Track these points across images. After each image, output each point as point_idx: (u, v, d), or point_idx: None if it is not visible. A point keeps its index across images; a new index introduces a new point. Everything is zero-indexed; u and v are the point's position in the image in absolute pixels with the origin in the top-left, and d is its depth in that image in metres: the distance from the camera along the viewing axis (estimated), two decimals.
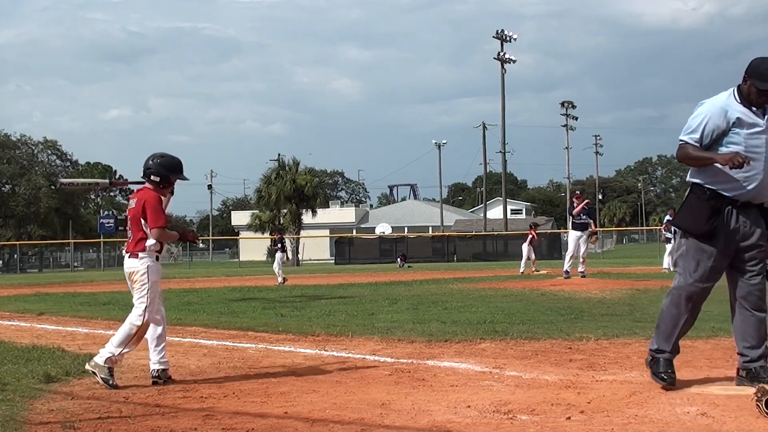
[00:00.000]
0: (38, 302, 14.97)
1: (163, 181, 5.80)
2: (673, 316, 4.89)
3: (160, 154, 5.89)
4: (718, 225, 4.71)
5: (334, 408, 4.66)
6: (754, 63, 4.69)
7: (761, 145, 4.66)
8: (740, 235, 4.74)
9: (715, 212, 4.72)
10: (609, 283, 15.36)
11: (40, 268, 54.74)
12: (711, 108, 4.74)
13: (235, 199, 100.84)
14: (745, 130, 4.66)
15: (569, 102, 75.11)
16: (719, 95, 4.81)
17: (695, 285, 4.80)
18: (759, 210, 4.78)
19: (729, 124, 4.68)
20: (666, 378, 4.83)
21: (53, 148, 63.24)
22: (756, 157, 4.63)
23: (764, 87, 4.60)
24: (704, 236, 4.75)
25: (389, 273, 27.64)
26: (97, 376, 5.49)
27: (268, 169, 57.48)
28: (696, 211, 4.80)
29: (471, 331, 7.95)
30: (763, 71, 4.61)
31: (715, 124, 4.71)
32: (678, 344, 4.95)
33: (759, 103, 4.68)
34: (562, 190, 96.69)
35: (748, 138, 4.65)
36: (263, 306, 12.48)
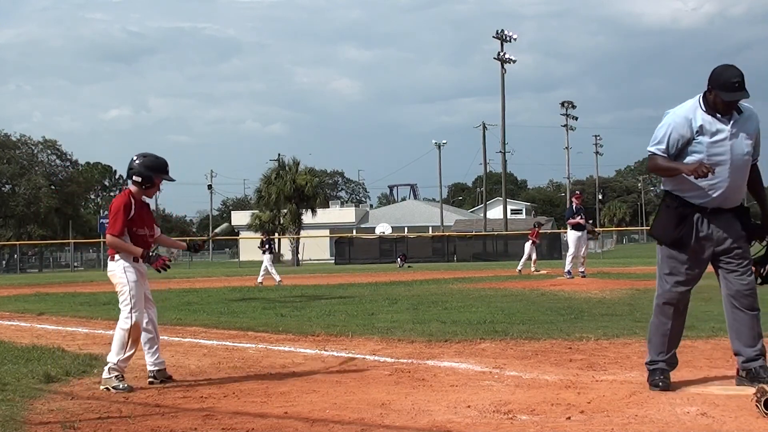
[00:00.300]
0: (38, 302, 14.97)
1: (145, 182, 5.70)
2: (658, 326, 4.95)
3: (143, 154, 5.80)
4: (687, 232, 4.78)
5: (334, 408, 4.66)
6: (716, 71, 4.71)
7: (725, 152, 4.70)
8: (713, 241, 4.79)
9: (682, 220, 4.80)
10: (609, 283, 15.36)
11: (40, 268, 54.72)
12: (674, 118, 4.79)
13: (235, 199, 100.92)
14: (708, 138, 4.70)
15: (569, 102, 75.24)
16: (685, 103, 4.85)
17: (671, 291, 4.87)
18: (732, 213, 4.82)
19: (693, 133, 4.73)
20: (660, 384, 4.84)
21: (53, 148, 63.20)
22: (720, 164, 4.68)
23: (729, 98, 4.65)
24: (674, 244, 4.84)
25: (389, 273, 27.63)
26: (111, 390, 5.40)
27: (268, 169, 57.52)
28: (665, 219, 4.89)
29: (471, 331, 7.95)
30: (725, 81, 4.64)
31: (679, 134, 4.76)
32: (674, 355, 4.96)
33: (724, 111, 4.72)
34: (562, 190, 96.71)
35: (710, 146, 4.70)
36: (263, 306, 12.48)
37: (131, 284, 5.58)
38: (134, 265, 5.64)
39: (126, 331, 5.53)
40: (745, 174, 4.79)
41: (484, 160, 65.58)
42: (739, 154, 4.71)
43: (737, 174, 4.74)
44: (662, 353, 4.91)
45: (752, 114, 4.82)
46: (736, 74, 4.65)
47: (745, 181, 4.83)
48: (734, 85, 4.61)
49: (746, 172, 4.79)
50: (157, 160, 5.79)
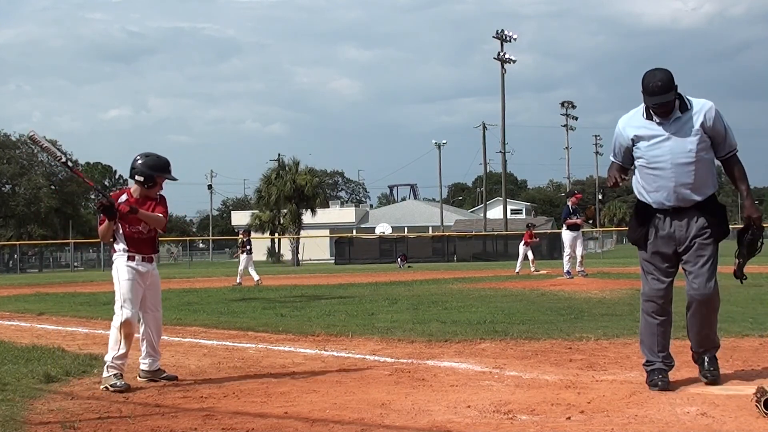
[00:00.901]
0: (38, 302, 14.97)
1: (147, 181, 5.70)
2: (645, 325, 5.12)
3: (145, 154, 5.79)
4: (648, 232, 4.97)
5: (334, 408, 4.66)
6: (643, 77, 4.85)
7: (664, 153, 4.83)
8: (675, 239, 4.90)
9: (644, 221, 5.00)
10: (609, 283, 15.35)
11: (40, 268, 54.70)
12: (617, 129, 5.11)
13: (235, 199, 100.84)
14: (646, 142, 4.89)
15: (569, 102, 75.27)
16: (629, 112, 5.07)
17: (649, 290, 5.08)
18: (695, 211, 4.86)
19: (629, 142, 4.98)
20: (660, 384, 4.90)
21: None
22: (660, 165, 4.83)
23: (650, 102, 4.79)
24: (637, 243, 5.09)
25: (389, 273, 27.64)
26: (109, 388, 5.39)
27: (268, 169, 57.51)
28: (632, 221, 5.18)
29: (471, 331, 7.94)
30: (646, 85, 4.78)
31: (619, 143, 5.08)
32: (668, 354, 5.05)
33: (660, 115, 4.82)
34: (562, 190, 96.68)
35: (647, 150, 4.90)
36: (263, 306, 12.48)
37: (122, 282, 5.57)
38: (129, 264, 5.62)
39: (117, 329, 5.51)
40: (693, 172, 4.79)
41: (484, 160, 65.64)
42: (680, 153, 4.79)
43: (682, 173, 4.80)
44: (656, 352, 5.01)
45: (702, 109, 4.82)
46: (658, 77, 4.75)
47: (701, 178, 4.82)
48: (654, 89, 4.73)
49: (697, 170, 4.80)
50: (159, 159, 5.78)
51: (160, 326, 5.93)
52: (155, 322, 5.83)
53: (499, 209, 67.68)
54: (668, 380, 4.94)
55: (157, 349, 5.84)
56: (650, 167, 4.89)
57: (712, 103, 4.86)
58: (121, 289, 5.56)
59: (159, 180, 5.76)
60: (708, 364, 5.01)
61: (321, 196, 61.12)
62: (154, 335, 5.82)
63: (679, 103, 4.83)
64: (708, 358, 5.03)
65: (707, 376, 4.98)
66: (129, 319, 5.51)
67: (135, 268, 5.63)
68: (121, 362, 5.51)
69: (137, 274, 5.63)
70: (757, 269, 19.24)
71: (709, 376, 4.97)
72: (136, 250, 5.66)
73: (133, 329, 5.58)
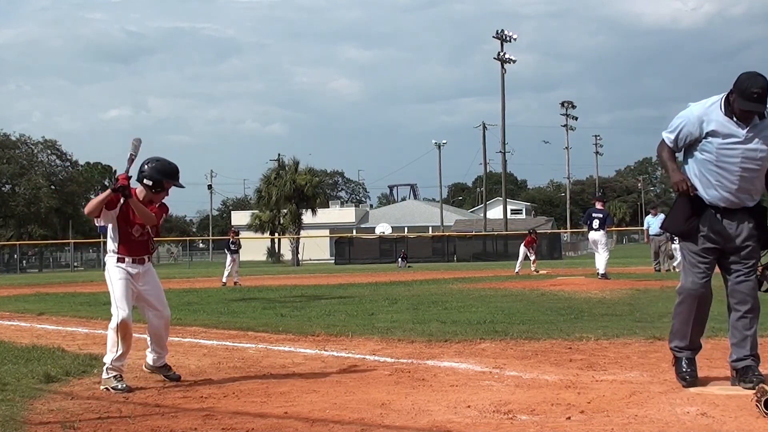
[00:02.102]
0: (38, 302, 14.97)
1: (155, 186, 5.68)
2: (680, 314, 5.01)
3: (156, 158, 5.76)
4: (698, 225, 4.86)
5: (334, 408, 4.66)
6: (741, 77, 4.70)
7: (735, 156, 4.75)
8: (724, 237, 4.85)
9: (694, 212, 4.88)
10: (609, 283, 15.35)
11: (40, 268, 54.71)
12: (690, 114, 4.88)
13: (235, 199, 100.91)
14: (720, 140, 4.77)
15: (569, 102, 75.22)
16: (707, 100, 4.90)
17: (693, 283, 4.92)
18: (748, 213, 4.85)
19: (702, 134, 4.81)
20: (687, 378, 4.89)
21: (53, 148, 63.19)
22: (729, 167, 4.75)
23: (745, 107, 4.66)
24: (684, 235, 4.95)
25: (389, 273, 27.64)
26: (110, 390, 5.37)
27: (268, 169, 57.54)
28: (678, 212, 4.99)
29: (471, 331, 7.94)
30: (745, 89, 4.64)
31: (688, 131, 4.87)
32: (698, 341, 5.04)
33: (742, 118, 4.73)
34: (562, 190, 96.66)
35: (720, 148, 4.77)
36: (263, 306, 12.48)
37: (115, 283, 5.55)
38: (119, 265, 5.60)
39: (114, 331, 5.49)
40: (757, 179, 4.81)
41: (484, 160, 65.62)
42: (750, 159, 4.74)
43: (747, 178, 4.77)
44: (685, 339, 4.97)
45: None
46: (759, 85, 4.61)
47: (759, 185, 4.85)
48: (753, 96, 4.60)
49: (759, 177, 4.81)
50: (169, 165, 5.77)
51: (166, 326, 5.88)
52: (160, 321, 5.80)
53: (499, 209, 67.67)
54: (696, 374, 4.93)
55: (164, 346, 5.85)
56: (717, 165, 4.78)
57: None
58: (114, 292, 5.55)
59: (167, 186, 5.76)
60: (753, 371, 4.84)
61: (321, 196, 61.19)
62: (159, 335, 5.82)
63: None
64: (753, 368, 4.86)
65: (753, 380, 4.71)
66: (125, 320, 5.48)
67: (125, 269, 5.61)
68: (120, 363, 5.50)
69: (128, 275, 5.61)
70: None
71: (755, 380, 4.73)
72: (126, 251, 5.63)
73: (129, 330, 5.54)
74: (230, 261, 21.11)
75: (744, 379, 4.82)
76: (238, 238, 22.18)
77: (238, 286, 19.94)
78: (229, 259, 21.22)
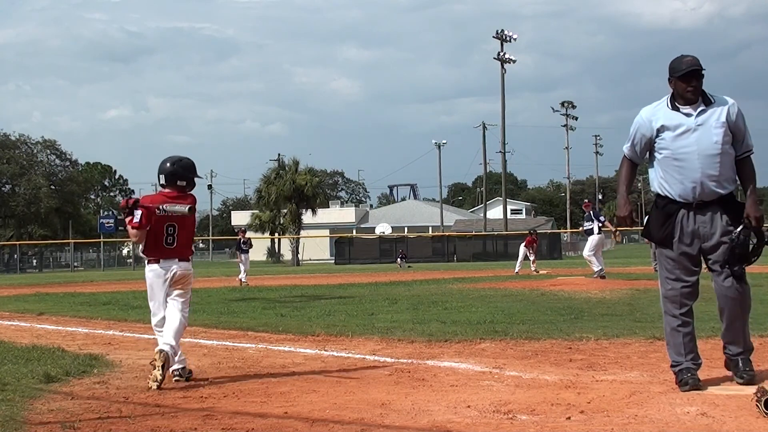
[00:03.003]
0: (38, 302, 14.96)
1: (189, 185, 5.89)
2: (671, 327, 5.01)
3: (177, 158, 5.91)
4: (673, 229, 4.91)
5: (334, 408, 4.66)
6: (670, 63, 4.95)
7: (690, 144, 4.84)
8: (700, 236, 4.88)
9: (668, 218, 4.94)
10: (609, 283, 15.34)
11: (40, 268, 54.69)
12: (640, 119, 5.05)
13: (235, 199, 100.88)
14: (671, 133, 4.88)
15: (569, 102, 75.24)
16: (652, 104, 5.05)
17: (673, 290, 4.96)
18: (719, 207, 4.88)
19: (653, 133, 4.95)
20: (690, 381, 4.84)
21: (53, 148, 63.20)
22: (687, 156, 4.83)
23: (680, 73, 4.83)
24: (662, 242, 4.99)
25: (389, 273, 27.64)
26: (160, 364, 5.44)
27: (268, 169, 57.57)
28: (653, 219, 5.07)
29: (471, 331, 7.94)
30: (677, 64, 4.89)
31: (641, 134, 5.03)
32: (695, 353, 4.98)
33: (691, 97, 4.85)
34: (562, 190, 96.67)
35: (674, 140, 4.89)
36: (263, 306, 12.48)
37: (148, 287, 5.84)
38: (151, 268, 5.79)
39: (183, 326, 5.80)
40: (719, 164, 4.83)
41: (484, 160, 65.66)
42: (706, 144, 4.82)
43: (707, 165, 4.82)
44: (682, 353, 4.93)
45: (725, 103, 4.89)
46: (688, 56, 4.90)
47: (724, 171, 4.85)
48: (687, 62, 4.85)
49: (721, 162, 4.83)
50: (190, 161, 5.96)
51: None
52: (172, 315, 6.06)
53: (499, 209, 67.68)
54: (698, 378, 4.89)
55: None
56: (675, 158, 4.86)
57: (734, 101, 4.93)
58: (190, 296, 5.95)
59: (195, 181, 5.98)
60: (743, 365, 4.95)
61: (321, 196, 61.14)
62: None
63: (703, 97, 4.89)
64: (743, 360, 4.96)
65: (743, 377, 4.88)
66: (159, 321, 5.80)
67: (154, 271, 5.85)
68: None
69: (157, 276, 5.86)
70: (758, 269, 19.23)
71: (746, 376, 4.88)
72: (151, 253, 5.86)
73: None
74: (245, 261, 21.38)
75: (736, 373, 4.95)
76: (249, 238, 22.38)
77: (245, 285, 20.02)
78: (243, 258, 21.45)
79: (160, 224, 5.72)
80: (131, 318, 10.68)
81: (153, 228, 5.71)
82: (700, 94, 4.87)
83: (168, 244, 5.74)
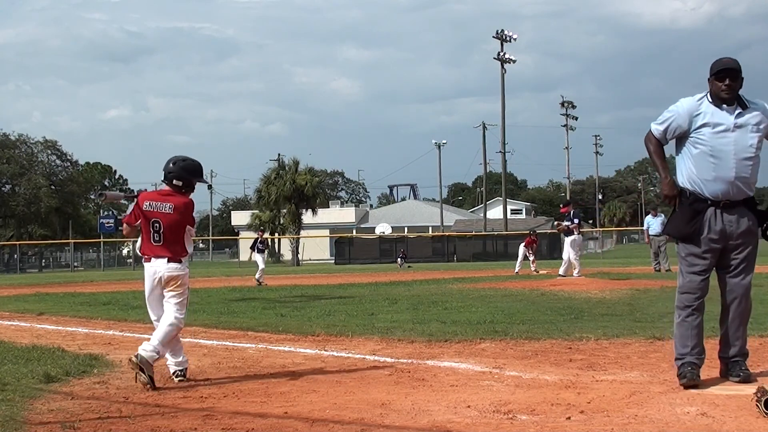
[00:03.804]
0: (38, 302, 14.96)
1: (185, 186, 5.80)
2: (679, 316, 5.08)
3: (182, 158, 5.87)
4: (700, 227, 4.95)
5: (334, 408, 4.66)
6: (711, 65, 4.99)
7: (728, 144, 4.89)
8: (726, 234, 4.94)
9: (696, 215, 4.96)
10: (609, 283, 15.35)
11: (40, 268, 54.69)
12: (679, 108, 5.04)
13: (235, 199, 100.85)
14: (711, 129, 4.91)
15: (569, 102, 75.12)
16: (694, 96, 5.06)
17: (688, 282, 5.03)
18: (744, 206, 4.96)
19: (691, 126, 4.96)
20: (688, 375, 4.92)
21: (53, 148, 63.19)
22: (721, 155, 4.88)
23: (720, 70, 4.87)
24: (688, 239, 5.01)
25: (389, 273, 27.63)
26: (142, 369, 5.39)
27: (268, 169, 57.56)
28: (680, 215, 5.07)
29: (471, 331, 7.94)
30: (716, 63, 4.95)
31: (677, 124, 5.01)
32: (701, 346, 5.05)
33: (726, 97, 4.89)
34: (562, 190, 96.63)
35: (713, 137, 4.91)
36: (263, 306, 12.48)
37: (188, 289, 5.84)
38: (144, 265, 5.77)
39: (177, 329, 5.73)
40: (751, 167, 4.92)
41: (484, 160, 65.60)
42: (743, 146, 4.88)
43: (742, 167, 4.89)
44: (689, 346, 5.00)
45: (763, 108, 4.98)
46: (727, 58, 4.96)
47: (753, 175, 4.96)
48: (725, 62, 4.91)
49: (753, 165, 4.93)
50: (194, 163, 5.91)
51: None
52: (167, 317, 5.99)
53: (499, 209, 67.66)
54: (698, 374, 4.96)
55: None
56: (713, 155, 4.89)
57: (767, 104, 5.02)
58: (187, 296, 5.82)
59: (195, 184, 5.89)
60: (740, 367, 5.04)
61: (321, 196, 61.13)
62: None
63: (738, 101, 4.95)
64: (739, 363, 5.05)
65: (739, 375, 4.99)
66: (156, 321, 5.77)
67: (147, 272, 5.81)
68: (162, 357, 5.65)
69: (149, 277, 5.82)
70: (758, 269, 19.21)
71: (741, 374, 4.98)
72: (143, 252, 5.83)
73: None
74: (261, 260, 21.51)
75: (732, 372, 5.03)
76: (267, 238, 22.46)
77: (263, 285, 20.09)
78: (260, 258, 21.54)
79: (147, 220, 5.74)
80: (131, 318, 10.68)
81: (143, 224, 5.75)
82: (736, 97, 4.92)
83: (155, 241, 5.74)
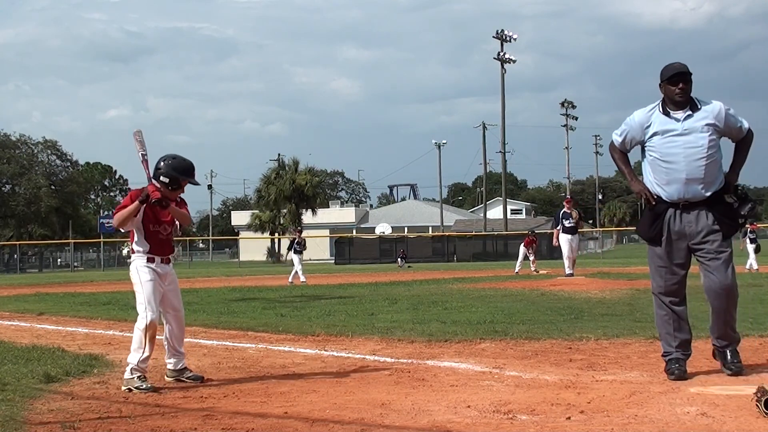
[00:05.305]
0: (38, 302, 14.96)
1: (172, 183, 5.68)
2: (660, 318, 5.32)
3: (172, 156, 5.78)
4: (662, 229, 5.17)
5: (334, 408, 4.66)
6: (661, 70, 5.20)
7: (676, 147, 5.09)
8: (686, 234, 5.13)
9: (657, 218, 5.19)
10: (609, 283, 15.36)
11: (40, 268, 54.69)
12: (632, 122, 5.31)
13: (235, 199, 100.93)
14: (660, 137, 5.14)
15: (569, 102, 75.16)
16: (646, 107, 5.29)
17: (660, 285, 5.27)
18: (705, 207, 5.11)
19: (645, 136, 5.22)
20: (676, 371, 5.09)
21: (53, 148, 63.22)
22: (672, 159, 5.09)
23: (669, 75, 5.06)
24: (651, 241, 5.26)
25: (389, 273, 27.64)
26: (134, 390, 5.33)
27: (268, 169, 57.67)
28: (644, 218, 5.36)
29: (471, 331, 7.94)
30: (666, 69, 5.16)
31: (632, 137, 5.34)
32: (687, 344, 5.25)
33: (680, 99, 5.08)
34: (562, 190, 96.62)
35: (662, 145, 5.15)
36: (263, 306, 12.48)
37: (145, 284, 5.57)
38: (149, 265, 5.63)
39: (142, 331, 5.49)
40: (704, 168, 5.06)
41: (484, 160, 65.66)
42: (693, 149, 5.05)
43: (693, 168, 5.05)
44: (672, 344, 5.20)
45: (711, 108, 5.12)
46: (677, 63, 5.16)
47: (709, 175, 5.08)
48: (675, 66, 5.11)
49: (707, 166, 5.06)
50: (184, 162, 5.77)
51: (183, 326, 5.92)
52: (178, 322, 5.81)
53: (499, 209, 67.68)
54: (685, 369, 5.12)
55: (180, 349, 5.81)
56: (664, 160, 5.12)
57: (721, 104, 5.15)
58: (144, 292, 5.55)
59: (183, 183, 5.77)
60: (731, 357, 5.19)
61: (321, 196, 61.26)
62: (177, 335, 5.81)
63: (691, 103, 5.11)
64: (730, 352, 5.21)
65: (731, 368, 5.14)
66: (154, 320, 5.50)
67: (155, 270, 5.63)
68: (145, 365, 5.49)
69: (157, 275, 5.63)
70: (758, 269, 19.19)
71: (733, 368, 5.13)
72: (155, 251, 5.66)
73: (156, 331, 5.56)
74: (298, 261, 21.54)
75: (724, 365, 5.20)
76: (304, 239, 22.52)
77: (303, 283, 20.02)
78: (297, 259, 21.59)
79: None
80: (131, 318, 10.58)
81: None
82: (689, 99, 5.10)
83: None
